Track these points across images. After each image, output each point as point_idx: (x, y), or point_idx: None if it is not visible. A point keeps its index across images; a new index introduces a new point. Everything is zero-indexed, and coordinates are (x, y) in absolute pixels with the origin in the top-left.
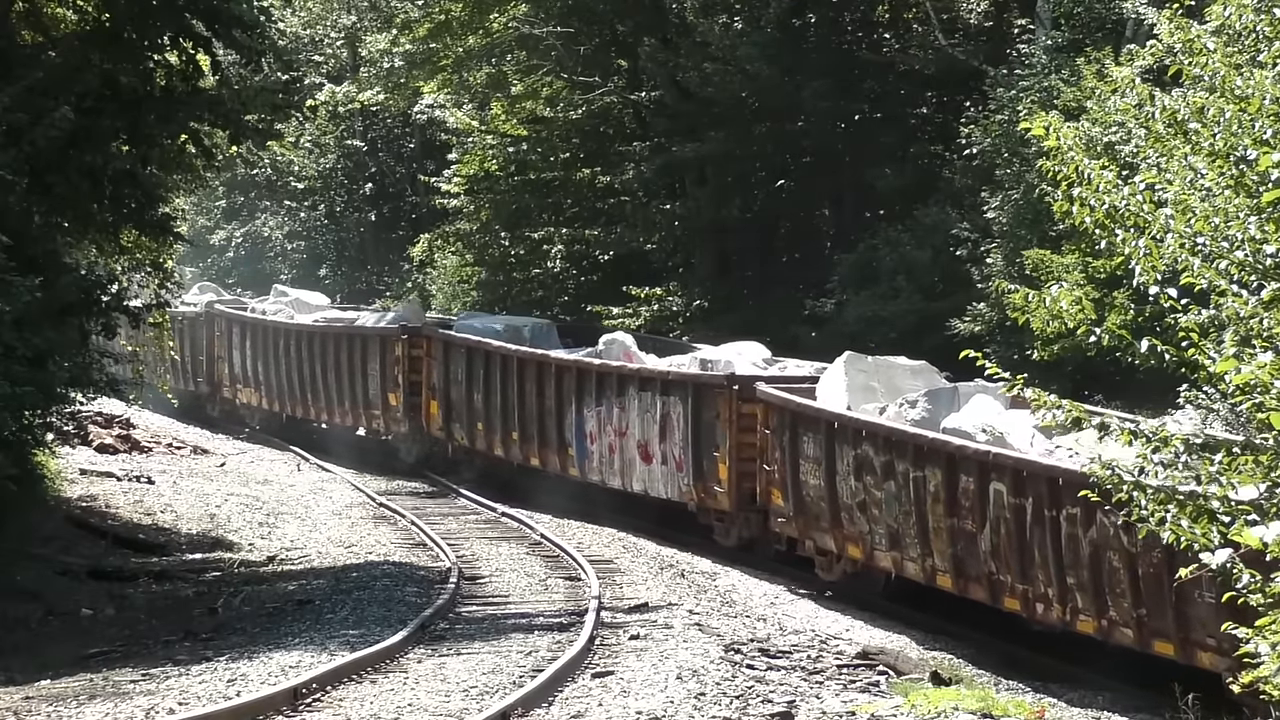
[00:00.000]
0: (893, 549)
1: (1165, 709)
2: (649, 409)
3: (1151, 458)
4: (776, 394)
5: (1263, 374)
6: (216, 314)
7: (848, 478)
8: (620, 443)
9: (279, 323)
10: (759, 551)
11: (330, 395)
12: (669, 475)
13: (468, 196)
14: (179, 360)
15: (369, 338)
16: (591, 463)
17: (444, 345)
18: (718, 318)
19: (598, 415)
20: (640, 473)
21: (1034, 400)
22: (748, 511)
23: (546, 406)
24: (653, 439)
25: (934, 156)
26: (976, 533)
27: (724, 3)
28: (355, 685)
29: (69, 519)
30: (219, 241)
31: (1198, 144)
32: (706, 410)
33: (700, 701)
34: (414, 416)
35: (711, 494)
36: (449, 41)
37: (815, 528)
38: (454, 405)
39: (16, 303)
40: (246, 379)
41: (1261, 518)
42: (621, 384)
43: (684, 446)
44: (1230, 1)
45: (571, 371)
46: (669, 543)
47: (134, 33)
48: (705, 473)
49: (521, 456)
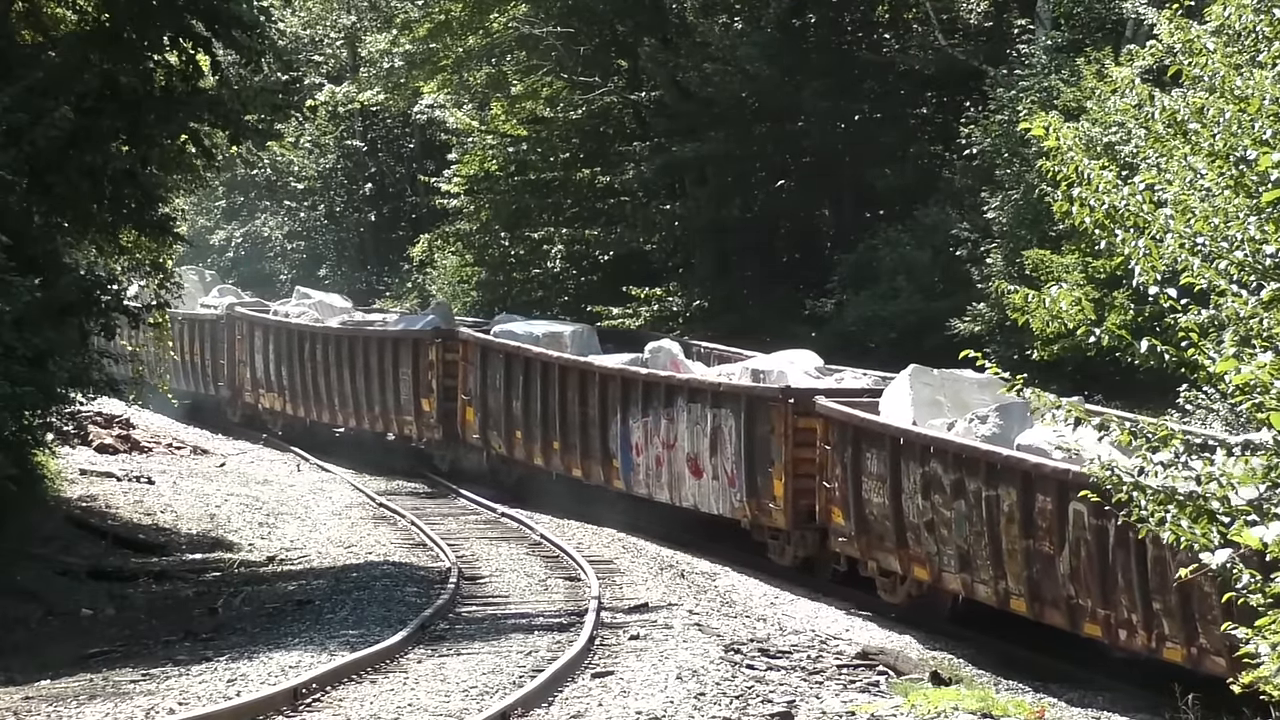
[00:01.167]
0: (963, 571)
1: (1165, 709)
2: (699, 421)
3: (1151, 458)
4: (837, 408)
5: (1263, 374)
6: (238, 317)
7: (914, 496)
8: (668, 455)
9: (304, 326)
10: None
11: (359, 400)
12: (720, 490)
13: (468, 196)
14: (197, 364)
15: (400, 341)
16: (637, 475)
17: (481, 350)
18: (718, 318)
19: (644, 426)
20: (690, 487)
21: (1033, 401)
22: (805, 530)
23: (590, 416)
24: (703, 452)
25: (934, 156)
26: (1054, 555)
27: (724, 3)
28: (355, 685)
29: (69, 519)
30: (219, 241)
31: (1197, 144)
32: (760, 424)
33: (700, 701)
34: (448, 423)
35: (766, 511)
36: (449, 41)
37: (879, 548)
38: (491, 412)
39: (16, 303)
40: (269, 383)
41: (1261, 518)
42: (670, 395)
43: (736, 461)
44: (1230, 1)
45: (616, 380)
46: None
47: (134, 33)
48: (759, 489)
49: (563, 467)
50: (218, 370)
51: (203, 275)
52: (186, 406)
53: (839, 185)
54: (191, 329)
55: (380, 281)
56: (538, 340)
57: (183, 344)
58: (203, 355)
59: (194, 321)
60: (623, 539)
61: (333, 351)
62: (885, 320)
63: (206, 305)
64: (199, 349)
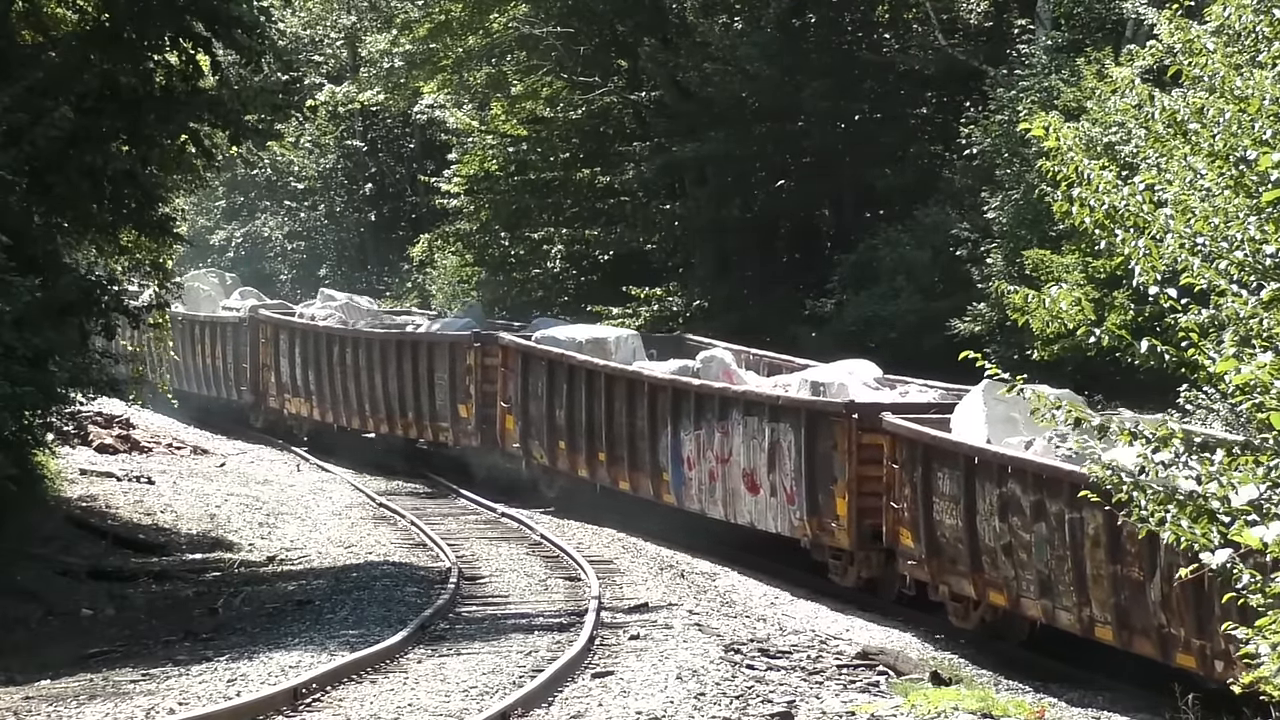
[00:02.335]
0: (1043, 597)
1: (1165, 709)
2: (755, 435)
3: (1152, 458)
4: (905, 425)
5: (1263, 374)
6: (262, 320)
7: (990, 518)
8: (723, 470)
9: (333, 329)
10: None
11: (391, 406)
12: (779, 508)
13: (468, 196)
14: (219, 368)
15: (436, 345)
16: (689, 490)
17: (522, 356)
18: (718, 318)
19: (697, 439)
20: (746, 504)
21: (1033, 401)
22: (869, 550)
23: (638, 427)
24: (760, 468)
25: (934, 156)
26: (1144, 581)
27: (724, 3)
28: (355, 685)
29: (69, 519)
30: (219, 241)
31: (1197, 144)
32: (822, 439)
33: (700, 701)
34: (487, 430)
35: (828, 530)
36: (449, 41)
37: (951, 571)
38: (533, 421)
39: (16, 303)
40: (295, 388)
41: (1261, 518)
42: (724, 407)
43: (796, 477)
44: (1230, 2)
45: (667, 391)
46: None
47: (134, 33)
48: (821, 507)
49: (609, 479)
50: (240, 375)
51: (223, 278)
52: (204, 411)
53: (839, 185)
54: (213, 332)
55: (380, 281)
56: (581, 346)
57: (203, 348)
58: (224, 359)
59: (215, 325)
60: (622, 539)
61: (363, 355)
62: (885, 320)
63: (228, 308)
64: (221, 353)
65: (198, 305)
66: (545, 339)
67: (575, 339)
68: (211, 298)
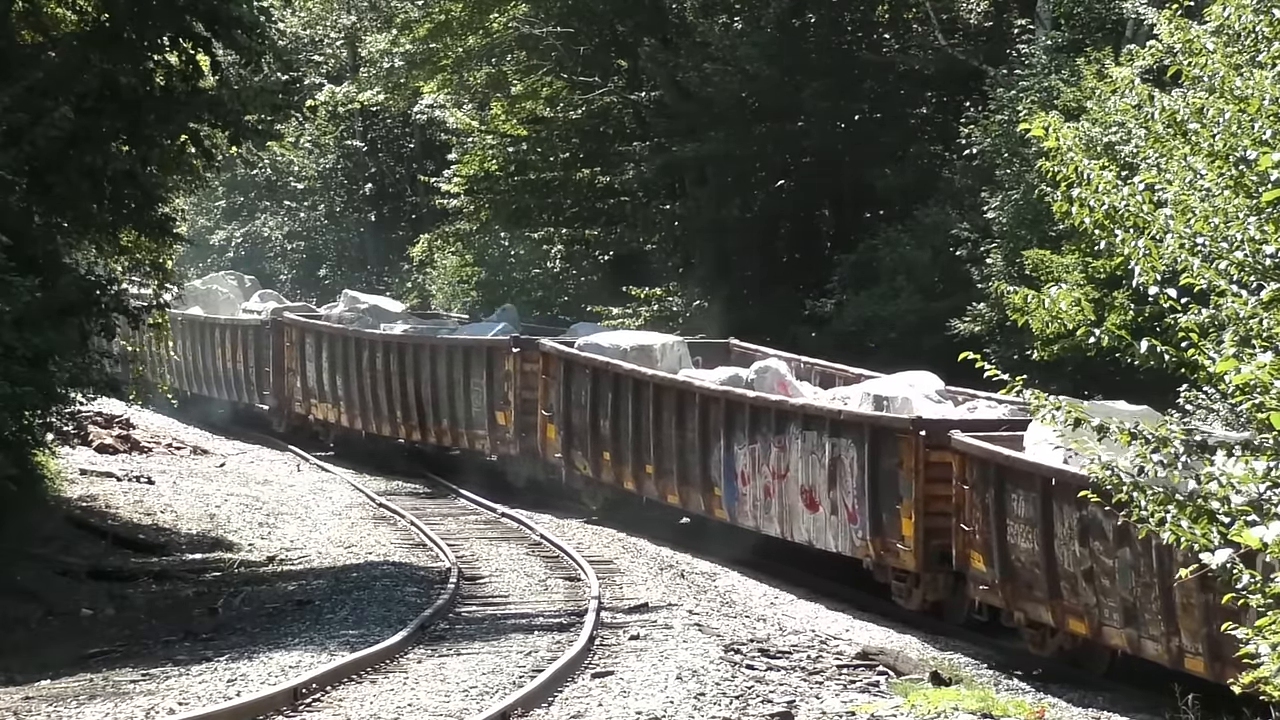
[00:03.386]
0: (1127, 625)
1: (1165, 709)
2: (814, 451)
3: (1151, 458)
4: (976, 443)
5: (1263, 374)
6: (287, 323)
7: (1070, 542)
8: (779, 486)
9: (361, 332)
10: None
11: (425, 412)
12: (839, 527)
13: (468, 196)
14: (240, 372)
15: (473, 350)
16: (743, 506)
17: (565, 363)
18: (718, 318)
19: (751, 454)
20: (804, 522)
21: (1033, 402)
22: (936, 572)
23: (689, 440)
24: (819, 485)
25: (934, 156)
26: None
27: (724, 3)
28: (355, 685)
29: (69, 519)
30: (219, 241)
31: (1197, 144)
32: (886, 457)
33: (700, 701)
34: (526, 438)
35: (892, 551)
36: (449, 41)
37: (1027, 597)
38: (576, 430)
39: (16, 303)
40: (322, 394)
41: (1261, 518)
42: (781, 421)
43: (858, 496)
44: (1230, 2)
45: (720, 403)
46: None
47: (134, 33)
48: (885, 527)
49: (657, 492)
50: (263, 379)
51: (241, 280)
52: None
53: (839, 185)
54: (234, 335)
55: (380, 281)
56: (626, 354)
57: (223, 351)
58: (246, 363)
59: (236, 328)
60: (622, 539)
61: (394, 360)
62: (885, 320)
63: (249, 310)
64: (242, 356)
65: (216, 308)
66: (589, 346)
67: (620, 346)
68: (230, 300)
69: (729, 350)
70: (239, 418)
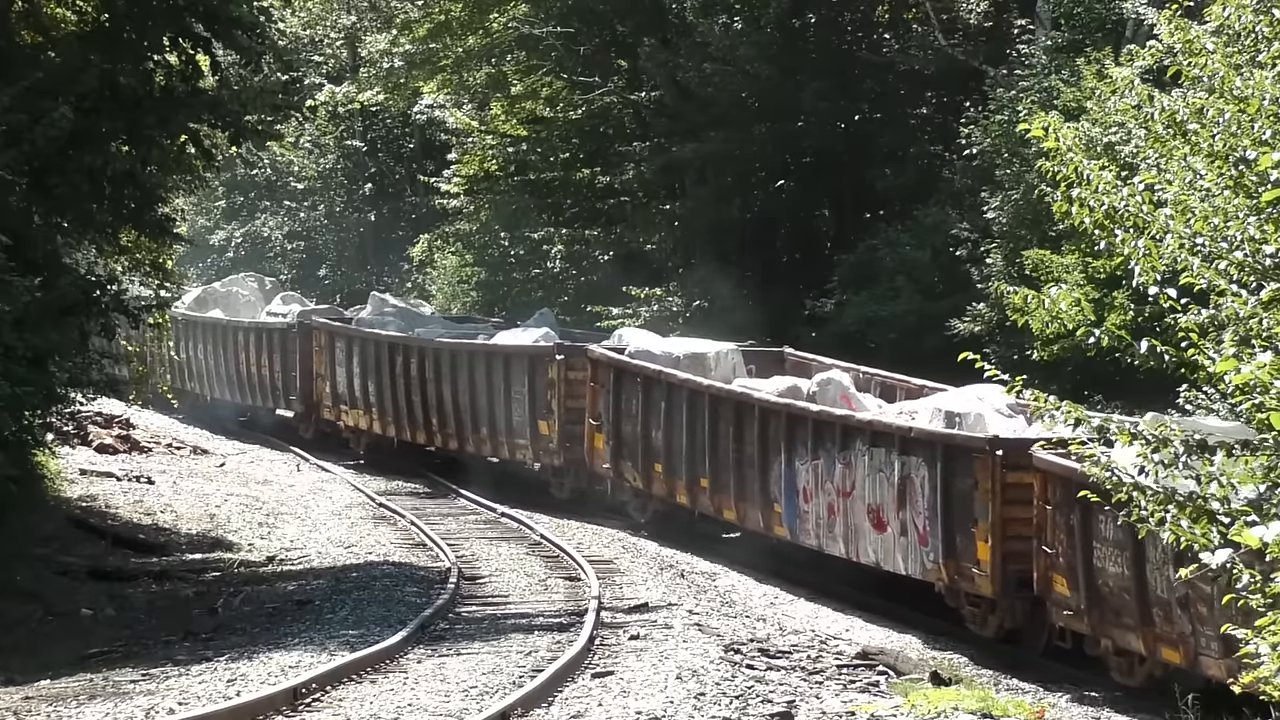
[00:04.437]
0: (1226, 656)
1: (1165, 709)
2: (882, 469)
3: (1152, 458)
4: (1058, 462)
5: (1263, 374)
6: (315, 326)
7: (1163, 567)
8: (844, 504)
9: (395, 337)
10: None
11: (462, 420)
12: (909, 548)
13: (468, 196)
14: (265, 377)
15: (514, 356)
16: (805, 524)
17: (615, 371)
18: (718, 318)
19: (814, 470)
20: (871, 542)
21: (1034, 402)
22: (1014, 598)
23: (746, 454)
24: (887, 504)
25: (934, 156)
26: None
27: (724, 3)
28: (355, 685)
29: (69, 519)
30: (219, 241)
31: (1197, 144)
32: (960, 477)
33: (700, 701)
34: (571, 449)
35: (966, 574)
36: (449, 41)
37: (1115, 624)
38: (625, 441)
39: (16, 303)
40: (353, 400)
41: (1261, 518)
42: (846, 436)
43: (930, 517)
44: (1230, 2)
45: (780, 416)
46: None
47: (134, 33)
48: (958, 549)
49: (712, 507)
50: (289, 384)
51: (262, 282)
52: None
53: (839, 185)
54: (258, 339)
55: (380, 281)
56: (679, 362)
57: (247, 355)
58: (271, 367)
59: (261, 331)
60: (623, 539)
61: (430, 366)
62: (885, 320)
63: (273, 313)
64: (267, 361)
65: (237, 310)
66: (640, 353)
67: (672, 353)
68: (251, 303)
69: (783, 358)
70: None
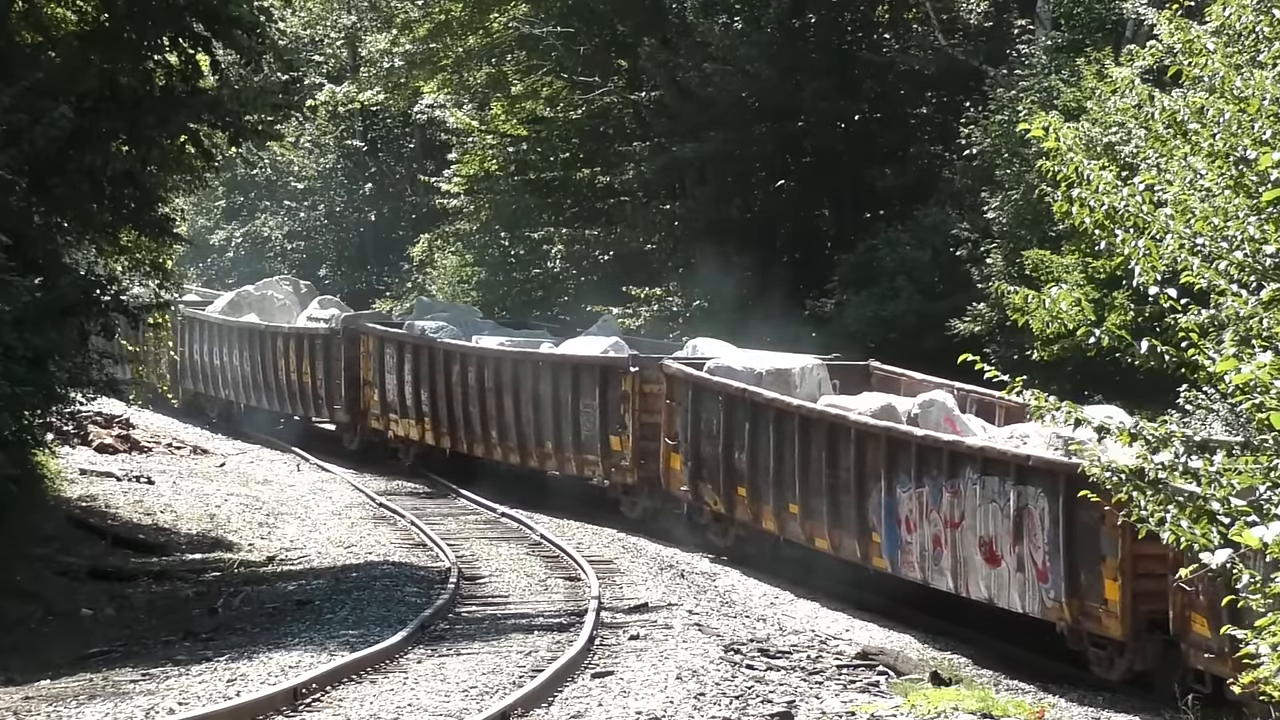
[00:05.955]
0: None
1: (1165, 709)
2: (995, 499)
3: (1151, 458)
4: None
5: (1263, 374)
6: (364, 331)
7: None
8: (952, 536)
9: (451, 344)
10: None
11: (525, 433)
12: (1026, 585)
13: (468, 196)
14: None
15: (584, 368)
16: (908, 555)
17: (693, 388)
18: (718, 318)
19: (918, 498)
20: (983, 576)
21: (1034, 402)
22: (1147, 640)
23: (841, 479)
24: (1001, 536)
25: (934, 156)
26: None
27: (724, 3)
28: (355, 685)
29: (69, 519)
30: (219, 241)
31: (1197, 144)
32: (1085, 510)
33: (700, 701)
34: (646, 467)
35: (1092, 615)
36: (449, 41)
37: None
38: (705, 462)
39: (16, 303)
40: (404, 409)
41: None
42: (955, 464)
43: (1051, 552)
44: (1230, 2)
45: (879, 440)
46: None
47: (134, 33)
48: (1083, 588)
49: (803, 535)
50: (333, 392)
51: (296, 285)
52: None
53: (839, 185)
54: (299, 345)
55: (380, 281)
56: (761, 378)
57: (286, 362)
58: (314, 375)
59: (302, 337)
60: (623, 539)
61: (491, 375)
62: (885, 320)
63: (314, 318)
64: (309, 368)
65: (272, 315)
66: (720, 369)
67: (754, 369)
68: (286, 307)
69: (869, 373)
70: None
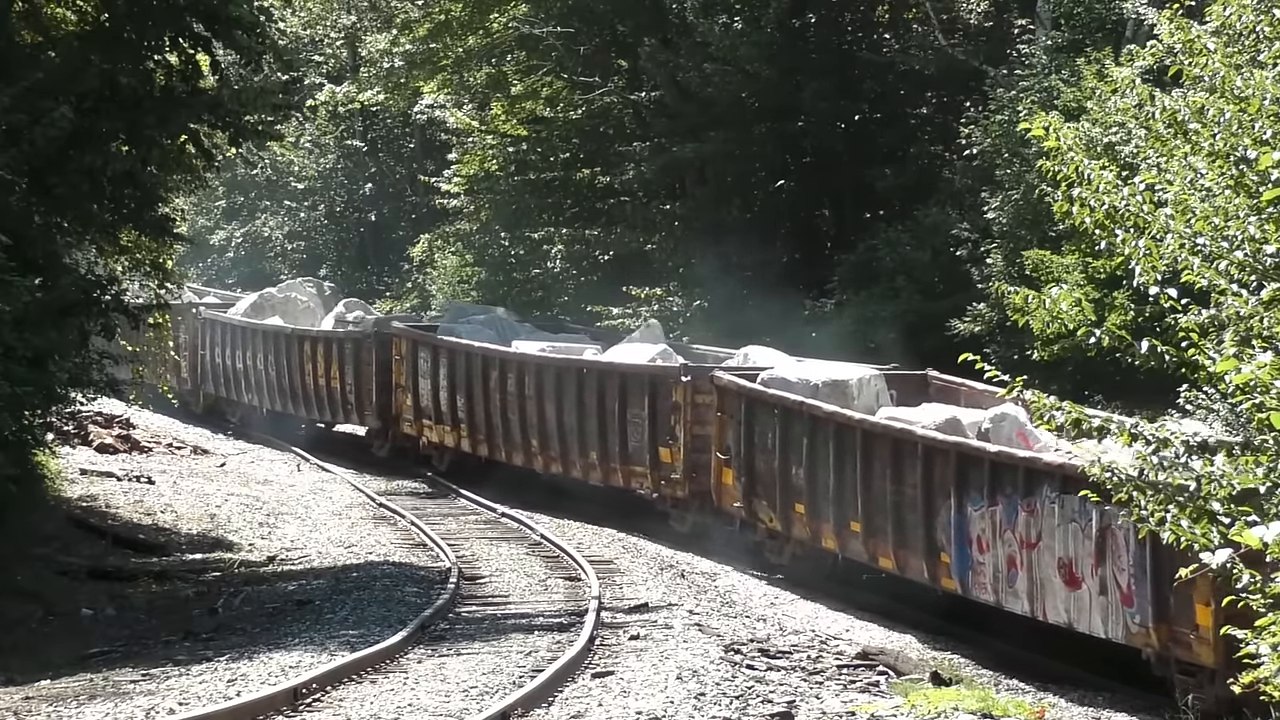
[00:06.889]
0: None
1: (1165, 709)
2: (1075, 518)
3: (1152, 458)
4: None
5: (1263, 374)
6: (396, 335)
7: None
8: (1028, 557)
9: (492, 350)
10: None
11: (567, 442)
12: (1109, 609)
13: (468, 196)
14: (336, 389)
15: (632, 376)
16: (980, 577)
17: (745, 401)
18: (718, 318)
19: (991, 517)
20: (1061, 599)
21: (1034, 403)
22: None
23: (907, 496)
24: (1082, 558)
25: (934, 156)
26: None
27: (724, 3)
28: (355, 685)
29: (69, 519)
30: (219, 241)
31: (1198, 144)
32: None
33: (700, 701)
34: (697, 480)
35: (1182, 642)
36: (449, 41)
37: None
38: (760, 478)
39: (16, 303)
40: (439, 415)
41: (1261, 518)
42: (1031, 481)
43: (1136, 575)
44: (1230, 1)
45: (949, 456)
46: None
47: (134, 33)
48: (1171, 613)
49: (866, 553)
50: (363, 397)
51: (320, 287)
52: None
53: (839, 185)
54: (328, 348)
55: (380, 281)
56: (817, 390)
57: (314, 366)
58: (343, 379)
59: (331, 340)
60: (623, 539)
61: (532, 382)
62: (885, 320)
63: (342, 320)
64: (337, 372)
65: (296, 317)
66: (773, 380)
67: (809, 381)
68: (310, 309)
69: (926, 382)
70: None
